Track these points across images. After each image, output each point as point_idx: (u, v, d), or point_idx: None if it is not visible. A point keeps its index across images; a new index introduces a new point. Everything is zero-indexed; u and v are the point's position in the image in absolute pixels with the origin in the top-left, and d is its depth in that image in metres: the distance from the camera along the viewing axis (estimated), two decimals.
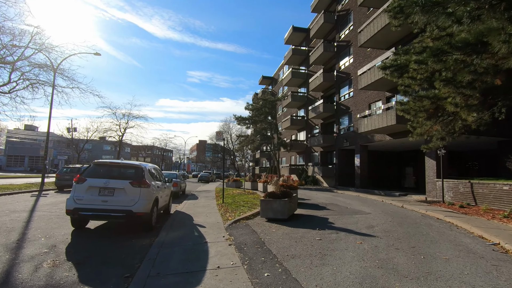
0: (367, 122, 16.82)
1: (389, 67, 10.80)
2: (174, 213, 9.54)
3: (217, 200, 13.26)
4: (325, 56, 26.13)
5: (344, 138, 22.94)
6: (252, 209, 10.10)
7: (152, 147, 70.84)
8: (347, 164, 23.76)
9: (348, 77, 23.08)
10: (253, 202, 11.92)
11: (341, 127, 24.23)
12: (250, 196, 14.90)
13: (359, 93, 21.28)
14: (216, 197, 15.43)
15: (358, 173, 20.79)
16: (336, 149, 24.40)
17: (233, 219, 8.13)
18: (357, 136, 21.10)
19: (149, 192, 6.82)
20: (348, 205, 11.99)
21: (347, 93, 23.45)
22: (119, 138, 33.22)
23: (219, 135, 11.24)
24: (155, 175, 8.16)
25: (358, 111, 21.17)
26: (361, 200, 14.07)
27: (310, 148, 30.09)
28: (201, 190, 21.72)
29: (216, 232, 6.62)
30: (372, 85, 16.97)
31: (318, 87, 26.67)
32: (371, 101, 19.73)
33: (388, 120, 14.76)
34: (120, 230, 6.95)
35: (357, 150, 21.13)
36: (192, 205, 11.83)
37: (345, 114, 23.58)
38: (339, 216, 8.87)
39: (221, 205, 11.25)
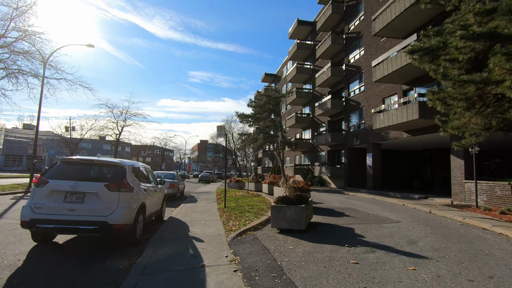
0: (383, 118, 15.31)
1: (418, 51, 9.30)
2: (168, 220, 8.08)
3: (219, 204, 11.79)
4: (333, 49, 24.61)
5: (355, 136, 21.42)
6: (259, 215, 8.62)
7: (152, 146, 69.51)
8: (358, 164, 22.25)
9: (358, 71, 21.56)
10: (259, 207, 10.43)
11: (351, 124, 22.71)
12: (255, 199, 13.43)
13: (371, 87, 19.76)
14: (217, 199, 13.97)
15: (371, 173, 19.27)
16: (345, 147, 22.88)
17: (237, 229, 6.65)
18: (369, 134, 19.58)
19: (132, 198, 5.37)
20: (368, 210, 10.49)
21: (357, 88, 21.94)
22: (116, 136, 31.81)
23: (220, 130, 9.79)
24: (142, 176, 6.70)
25: (370, 107, 19.65)
26: (379, 204, 12.56)
27: (316, 147, 28.58)
28: (201, 191, 20.27)
29: (217, 249, 5.15)
30: (388, 77, 15.45)
31: (325, 82, 25.16)
32: (385, 95, 18.21)
33: (409, 114, 13.24)
34: (96, 245, 5.49)
35: (369, 149, 19.61)
36: (190, 209, 10.36)
37: (355, 110, 22.05)
38: (365, 225, 7.38)
39: (223, 210, 9.78)
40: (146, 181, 6.86)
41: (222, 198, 14.00)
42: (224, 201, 10.77)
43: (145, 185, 6.56)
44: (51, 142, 59.44)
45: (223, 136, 10.07)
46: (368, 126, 19.78)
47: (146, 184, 6.70)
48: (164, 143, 53.92)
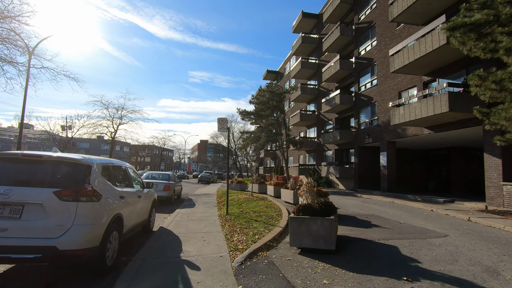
0: (403, 112, 13.70)
1: (460, 27, 7.74)
2: (158, 232, 6.49)
3: (220, 209, 10.19)
4: (342, 41, 23.01)
5: (366, 134, 19.82)
6: (270, 225, 7.03)
7: (151, 146, 67.92)
8: (369, 163, 20.66)
9: (370, 63, 19.97)
10: (268, 214, 8.83)
11: (361, 121, 21.10)
12: (261, 203, 11.83)
13: (385, 80, 18.17)
14: (217, 203, 12.38)
15: (385, 174, 17.66)
16: (356, 146, 21.28)
17: (245, 247, 5.06)
18: (383, 131, 17.98)
19: (98, 209, 3.79)
20: (396, 217, 8.89)
21: (368, 82, 20.34)
22: (111, 135, 30.22)
23: (222, 122, 8.22)
24: (120, 178, 5.12)
25: (385, 102, 18.06)
26: (404, 209, 10.97)
27: (322, 146, 26.97)
28: (201, 193, 18.67)
29: (219, 283, 3.56)
30: (409, 66, 13.84)
31: (333, 77, 23.56)
32: (402, 88, 16.60)
33: (436, 107, 11.63)
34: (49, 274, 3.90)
35: (383, 147, 18.01)
36: (186, 216, 8.78)
37: (366, 106, 20.46)
38: (407, 241, 5.78)
39: (225, 218, 8.18)
40: (125, 185, 5.27)
41: (223, 202, 12.43)
42: (226, 206, 9.16)
43: (124, 190, 4.97)
44: (47, 141, 57.97)
45: (225, 130, 8.49)
46: (382, 122, 18.18)
47: (126, 189, 5.12)
48: (163, 143, 52.28)
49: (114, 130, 30.44)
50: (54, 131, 34.49)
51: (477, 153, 18.54)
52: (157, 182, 12.45)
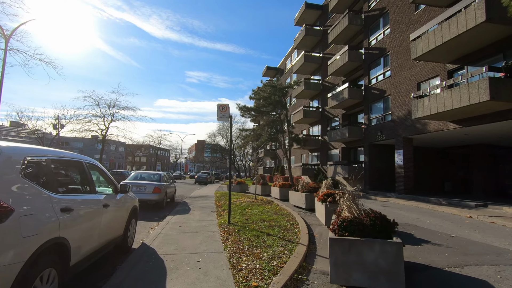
0: (428, 104, 12.02)
1: None
2: (136, 254, 4.72)
3: (219, 217, 8.43)
4: (350, 31, 21.35)
5: (378, 130, 18.16)
6: (287, 241, 5.30)
7: (145, 145, 65.84)
8: (381, 162, 19.01)
9: (382, 53, 18.31)
10: (280, 223, 7.08)
11: (372, 117, 19.45)
12: (268, 208, 10.09)
13: (400, 71, 16.52)
14: (216, 207, 10.64)
15: (401, 174, 15.99)
16: (366, 144, 19.62)
17: (261, 284, 3.32)
18: (399, 127, 16.33)
19: None
20: (438, 227, 7.21)
21: (381, 74, 18.68)
22: (102, 132, 28.32)
23: (223, 110, 6.48)
24: (67, 179, 3.36)
25: (400, 95, 16.41)
26: (437, 216, 9.29)
27: (327, 144, 25.30)
28: (197, 195, 16.89)
29: None
30: (434, 52, 12.17)
31: (340, 70, 21.88)
32: (421, 79, 14.95)
33: (472, 96, 9.96)
34: None
35: (399, 145, 16.34)
36: (177, 226, 7.01)
37: (378, 100, 18.80)
38: (489, 268, 4.07)
39: (227, 230, 6.43)
40: (82, 190, 3.52)
41: (223, 206, 10.68)
42: (228, 214, 7.38)
43: (74, 197, 3.21)
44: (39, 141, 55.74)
45: (226, 119, 6.76)
46: (397, 117, 16.53)
47: (79, 196, 3.36)
48: (159, 142, 50.28)
49: (106, 128, 28.56)
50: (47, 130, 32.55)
51: (503, 151, 16.96)
52: (145, 183, 10.68)
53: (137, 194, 10.45)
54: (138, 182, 10.67)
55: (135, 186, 10.49)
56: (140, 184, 10.58)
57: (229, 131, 61.70)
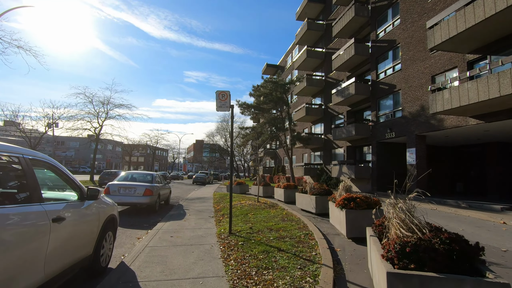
0: (448, 97, 10.91)
1: None
2: (109, 280, 3.56)
3: (219, 224, 7.28)
4: (356, 23, 20.23)
5: (387, 127, 17.06)
6: (305, 259, 4.16)
7: (142, 145, 64.44)
8: (390, 162, 17.92)
9: (392, 46, 17.21)
10: (291, 233, 5.94)
11: (381, 113, 18.34)
12: (273, 212, 8.95)
13: (412, 64, 15.42)
14: (215, 212, 9.49)
15: (414, 174, 14.80)
16: (373, 142, 18.52)
17: None
18: (411, 123, 15.23)
19: None
20: (477, 237, 6.11)
21: (390, 67, 17.58)
22: (95, 131, 27.07)
23: (222, 98, 5.30)
24: None
25: (412, 89, 15.31)
26: (465, 222, 8.21)
27: (330, 143, 24.20)
28: (194, 196, 15.73)
29: None
30: (455, 40, 11.06)
31: (346, 64, 20.77)
32: (436, 71, 13.86)
33: (504, 87, 8.84)
34: None
35: (411, 143, 15.25)
36: (168, 237, 5.87)
37: (387, 95, 17.70)
38: None
39: (228, 242, 5.28)
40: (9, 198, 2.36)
41: (222, 210, 9.54)
42: (230, 223, 6.21)
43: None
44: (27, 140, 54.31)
45: (226, 109, 5.62)
46: (409, 113, 15.43)
47: (7, 210, 2.20)
48: (155, 141, 48.99)
49: (99, 125, 27.30)
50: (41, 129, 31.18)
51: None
52: (135, 185, 9.50)
53: (125, 197, 9.31)
54: (127, 184, 9.51)
55: (123, 188, 9.33)
56: (129, 185, 9.41)
57: (228, 131, 60.09)
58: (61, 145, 75.78)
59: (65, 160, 75.30)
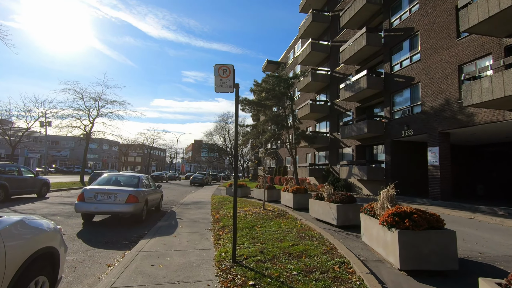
0: (489, 85, 9.26)
1: None
2: None
3: (218, 242, 5.60)
4: (367, 12, 18.64)
5: (404, 124, 15.44)
6: None
7: (142, 145, 62.54)
8: (406, 162, 16.35)
9: (409, 34, 15.61)
10: (317, 260, 4.28)
11: (396, 109, 16.73)
12: (284, 224, 7.29)
13: (434, 53, 13.82)
14: (213, 222, 7.84)
15: (437, 176, 13.28)
16: (387, 140, 16.90)
17: None
18: (433, 119, 13.63)
19: None
20: None
21: (406, 58, 15.97)
22: (85, 128, 25.32)
23: (224, 74, 3.51)
24: None
25: (434, 81, 13.71)
26: None
27: (337, 142, 22.58)
28: (191, 201, 14.05)
29: None
30: (493, 20, 9.45)
31: (355, 57, 19.17)
32: (464, 60, 12.25)
33: None
34: None
35: (433, 141, 13.64)
36: (148, 266, 4.19)
37: (403, 89, 16.09)
38: None
39: (231, 281, 3.61)
40: None
41: (222, 220, 7.89)
42: (233, 247, 4.49)
43: None
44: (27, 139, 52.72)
45: (229, 90, 3.96)
46: (431, 108, 13.82)
47: None
48: (152, 140, 47.19)
49: (90, 123, 25.53)
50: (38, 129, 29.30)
51: None
52: (116, 190, 7.81)
53: (104, 205, 7.61)
54: (107, 189, 7.81)
55: (101, 194, 7.64)
56: (108, 191, 7.72)
57: (226, 130, 58.40)
58: (56, 144, 73.79)
59: (59, 160, 73.34)
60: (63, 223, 7.73)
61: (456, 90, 12.48)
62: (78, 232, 6.78)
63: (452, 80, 12.70)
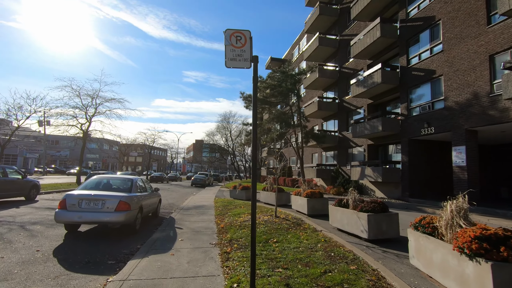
0: None
1: None
2: None
3: (227, 266, 4.38)
4: (380, 1, 17.41)
5: (424, 121, 14.20)
6: None
7: (143, 145, 61.51)
8: (426, 163, 15.12)
9: (429, 24, 14.38)
10: None
11: (413, 105, 15.49)
12: (304, 237, 6.08)
13: (459, 43, 12.59)
14: (219, 232, 6.65)
15: (463, 178, 12.04)
16: (404, 139, 15.66)
17: None
18: (458, 115, 12.39)
19: None
20: None
21: (426, 50, 14.73)
22: (81, 127, 24.18)
23: (239, 42, 2.26)
24: None
25: (460, 73, 12.48)
26: None
27: (346, 141, 21.36)
28: (192, 205, 12.86)
29: None
30: None
31: (368, 50, 17.94)
32: (497, 49, 11.00)
33: None
34: None
35: (459, 139, 12.40)
36: None
37: (422, 83, 14.85)
38: None
39: None
40: None
41: (229, 231, 6.71)
42: (252, 278, 3.28)
43: None
44: (23, 139, 51.72)
45: (244, 64, 2.73)
46: (456, 103, 12.59)
47: None
48: (152, 140, 46.00)
49: (86, 121, 24.39)
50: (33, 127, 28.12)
51: None
52: (104, 196, 6.61)
53: (89, 213, 6.39)
54: (93, 194, 6.61)
55: (86, 200, 6.45)
56: (95, 197, 6.52)
57: (228, 130, 57.27)
58: (55, 144, 72.77)
59: (59, 160, 72.35)
60: (42, 234, 6.57)
61: (487, 82, 11.25)
62: (56, 248, 5.60)
63: (481, 72, 11.46)
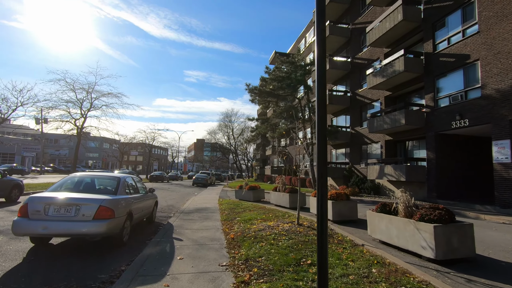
0: None
1: None
2: None
3: None
4: None
5: (456, 113, 12.57)
6: None
7: (143, 144, 59.99)
8: (457, 160, 13.50)
9: (460, 3, 12.75)
10: None
11: (441, 95, 13.86)
12: (345, 256, 4.50)
13: (499, 22, 10.97)
14: (228, 246, 5.09)
15: (508, 177, 10.41)
16: (430, 134, 14.04)
17: None
18: (500, 105, 10.77)
19: None
20: None
21: (458, 32, 13.09)
22: (75, 122, 22.71)
23: None
24: None
25: (502, 56, 10.85)
26: None
27: (360, 137, 19.77)
28: (193, 207, 11.30)
29: None
30: None
31: (386, 36, 16.31)
32: None
33: None
34: None
35: (501, 133, 10.78)
36: None
37: (451, 71, 13.22)
38: None
39: None
40: None
41: (243, 244, 5.11)
42: None
43: None
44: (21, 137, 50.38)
45: None
46: (496, 91, 10.96)
47: None
48: (152, 138, 44.47)
49: (81, 116, 22.92)
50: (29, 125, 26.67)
51: None
52: (79, 199, 5.05)
53: (58, 223, 4.69)
54: (64, 198, 5.03)
55: (54, 206, 4.87)
56: (68, 201, 4.95)
57: (230, 128, 55.97)
58: (54, 143, 71.31)
59: (58, 159, 70.90)
60: (0, 248, 5.03)
61: None
62: (8, 272, 4.06)
63: None
